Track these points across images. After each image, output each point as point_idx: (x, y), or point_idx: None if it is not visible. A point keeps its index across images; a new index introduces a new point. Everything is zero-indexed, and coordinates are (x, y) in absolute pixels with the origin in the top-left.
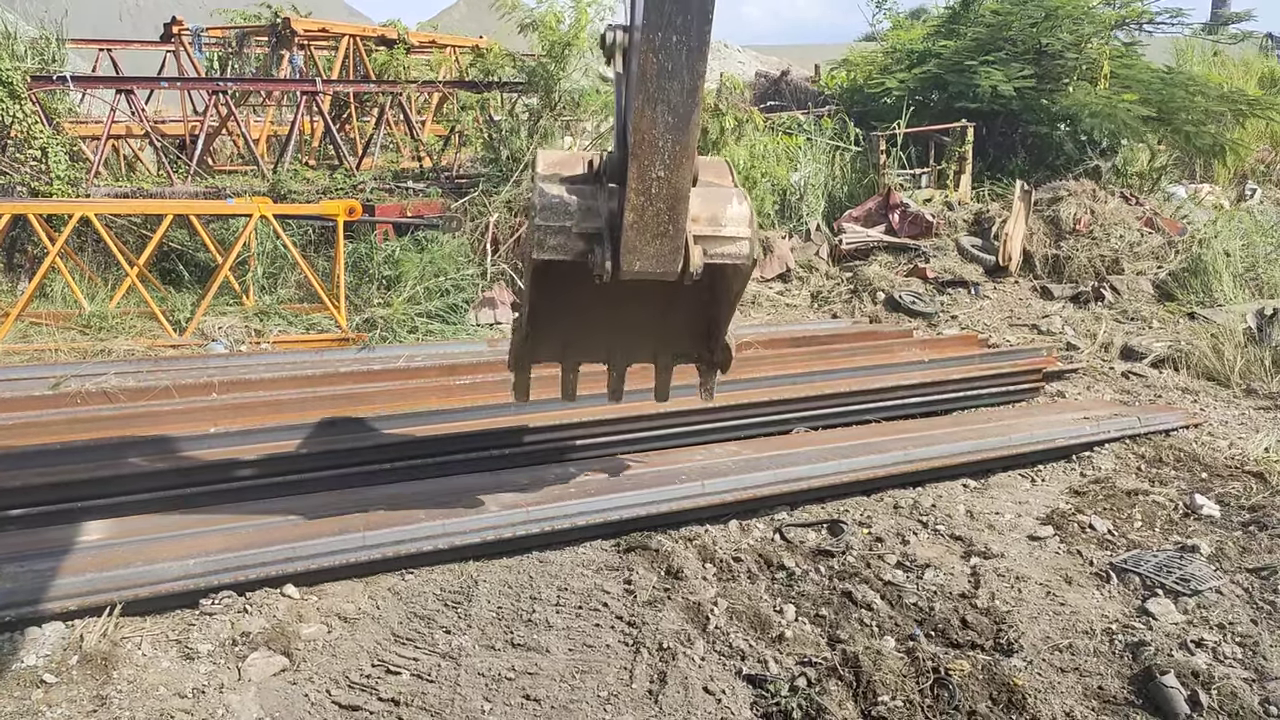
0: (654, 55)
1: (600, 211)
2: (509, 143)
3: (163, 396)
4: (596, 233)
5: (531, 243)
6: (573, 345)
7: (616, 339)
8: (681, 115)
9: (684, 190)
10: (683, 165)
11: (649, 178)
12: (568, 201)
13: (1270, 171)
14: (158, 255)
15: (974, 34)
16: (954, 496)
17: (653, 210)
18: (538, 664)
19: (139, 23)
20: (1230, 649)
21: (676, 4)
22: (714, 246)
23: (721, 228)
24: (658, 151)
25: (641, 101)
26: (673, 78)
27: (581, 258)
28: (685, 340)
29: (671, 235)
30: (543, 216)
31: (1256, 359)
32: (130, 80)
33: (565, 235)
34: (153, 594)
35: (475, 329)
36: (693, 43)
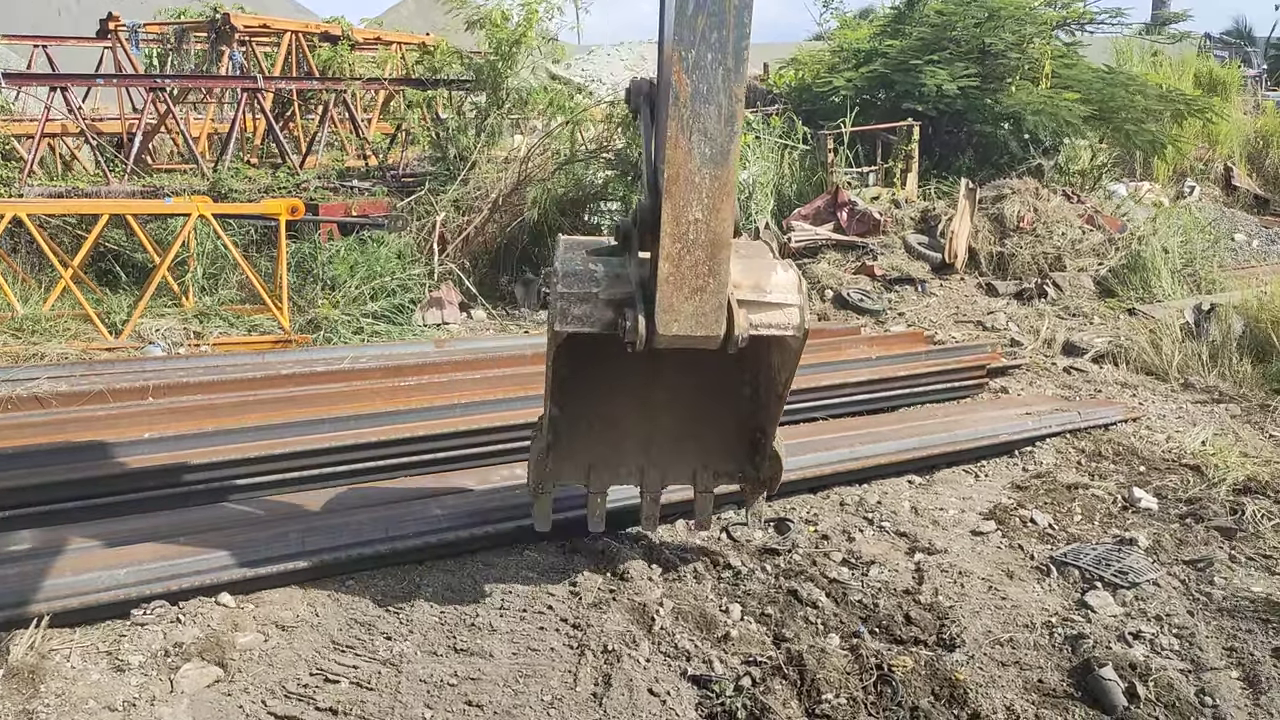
0: (687, 75)
1: (630, 278)
2: (456, 141)
3: (96, 401)
4: (627, 298)
5: (553, 315)
6: (600, 463)
7: (649, 454)
8: (719, 146)
9: (725, 236)
10: (722, 206)
11: (685, 220)
12: (593, 269)
13: (1208, 169)
14: (94, 256)
15: (919, 34)
16: (899, 493)
17: (690, 260)
18: (481, 669)
19: (78, 19)
20: (1167, 640)
21: (710, 17)
22: (759, 314)
23: (766, 294)
24: (694, 189)
25: (675, 129)
26: (708, 101)
27: (610, 329)
28: (726, 453)
29: (713, 290)
30: (566, 284)
31: (1194, 354)
32: (65, 77)
33: (592, 303)
34: (82, 605)
35: (422, 329)
36: (730, 61)
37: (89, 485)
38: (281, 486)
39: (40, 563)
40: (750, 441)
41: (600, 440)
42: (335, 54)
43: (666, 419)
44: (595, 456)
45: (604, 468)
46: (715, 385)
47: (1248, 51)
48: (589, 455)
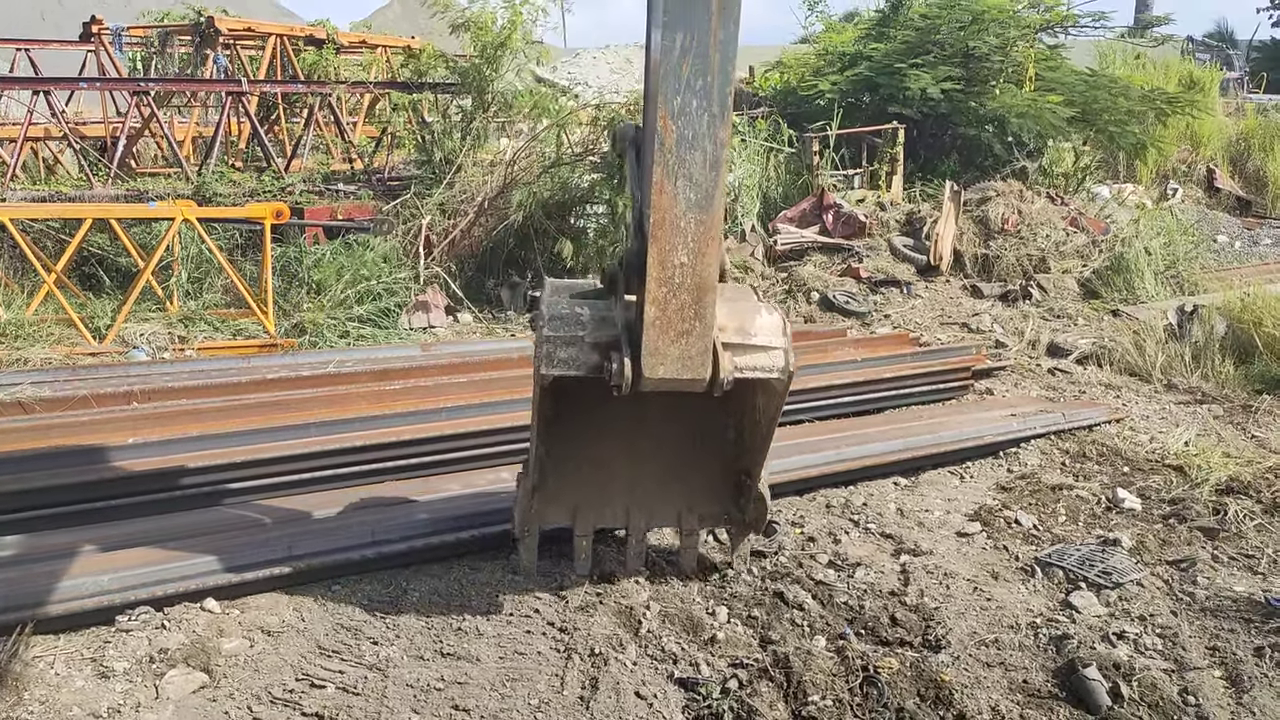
0: (672, 122)
1: (615, 321)
2: (442, 144)
3: (80, 406)
4: (613, 341)
5: (539, 359)
6: (585, 505)
7: (635, 495)
8: (704, 191)
9: (710, 280)
10: (708, 250)
11: (671, 264)
12: (579, 313)
13: (1191, 171)
14: (77, 260)
15: (904, 37)
16: (885, 495)
17: (676, 303)
18: (468, 673)
19: (63, 22)
20: (1151, 640)
21: (695, 64)
22: (744, 357)
23: (751, 336)
24: (680, 233)
25: (660, 175)
26: (693, 147)
27: (596, 372)
28: (712, 495)
29: (698, 334)
30: (552, 327)
31: (1177, 355)
32: (48, 80)
33: (578, 347)
34: (66, 611)
35: (408, 333)
36: (714, 109)
37: (74, 490)
38: (268, 491)
39: (23, 569)
40: (735, 484)
41: (586, 482)
42: (320, 57)
43: (652, 462)
44: (581, 498)
45: (589, 510)
46: (700, 427)
47: (1229, 54)
48: (575, 497)
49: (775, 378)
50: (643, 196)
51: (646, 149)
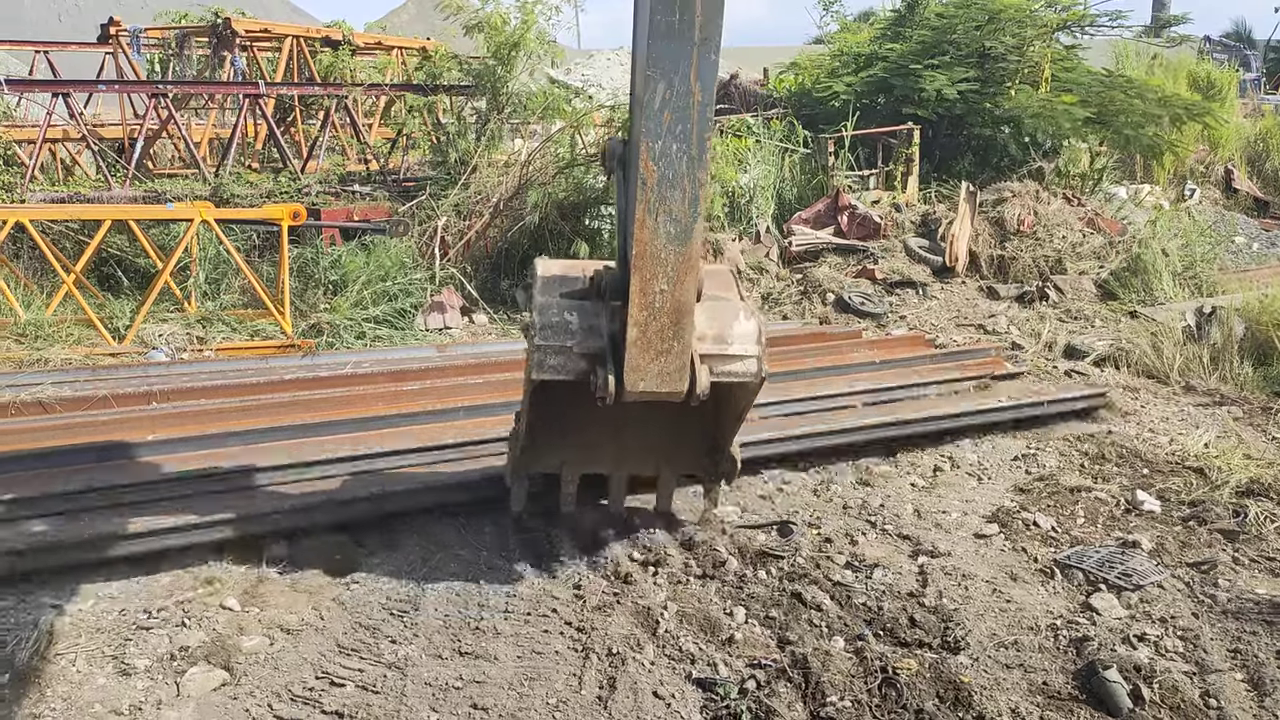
0: (654, 163)
1: (602, 331)
2: (456, 146)
3: (101, 406)
4: (599, 353)
5: (530, 363)
6: (572, 460)
7: (618, 453)
8: (683, 226)
9: (688, 304)
10: (686, 278)
11: (651, 291)
12: (568, 321)
13: (1208, 172)
14: (96, 261)
15: (919, 37)
16: (902, 496)
17: (656, 326)
18: (486, 672)
19: (79, 24)
20: (1172, 643)
21: (675, 112)
22: (721, 365)
23: (728, 345)
24: (660, 264)
25: (642, 211)
26: (673, 186)
27: (583, 378)
28: (689, 453)
29: (676, 352)
30: (543, 336)
31: (1195, 356)
32: (67, 83)
33: (566, 356)
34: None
35: (424, 334)
36: (693, 151)
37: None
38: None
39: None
40: (709, 445)
41: (573, 440)
42: (336, 59)
43: (635, 426)
44: (567, 452)
45: (575, 461)
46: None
47: (1247, 54)
48: (562, 451)
49: (749, 381)
50: (626, 223)
51: (630, 182)
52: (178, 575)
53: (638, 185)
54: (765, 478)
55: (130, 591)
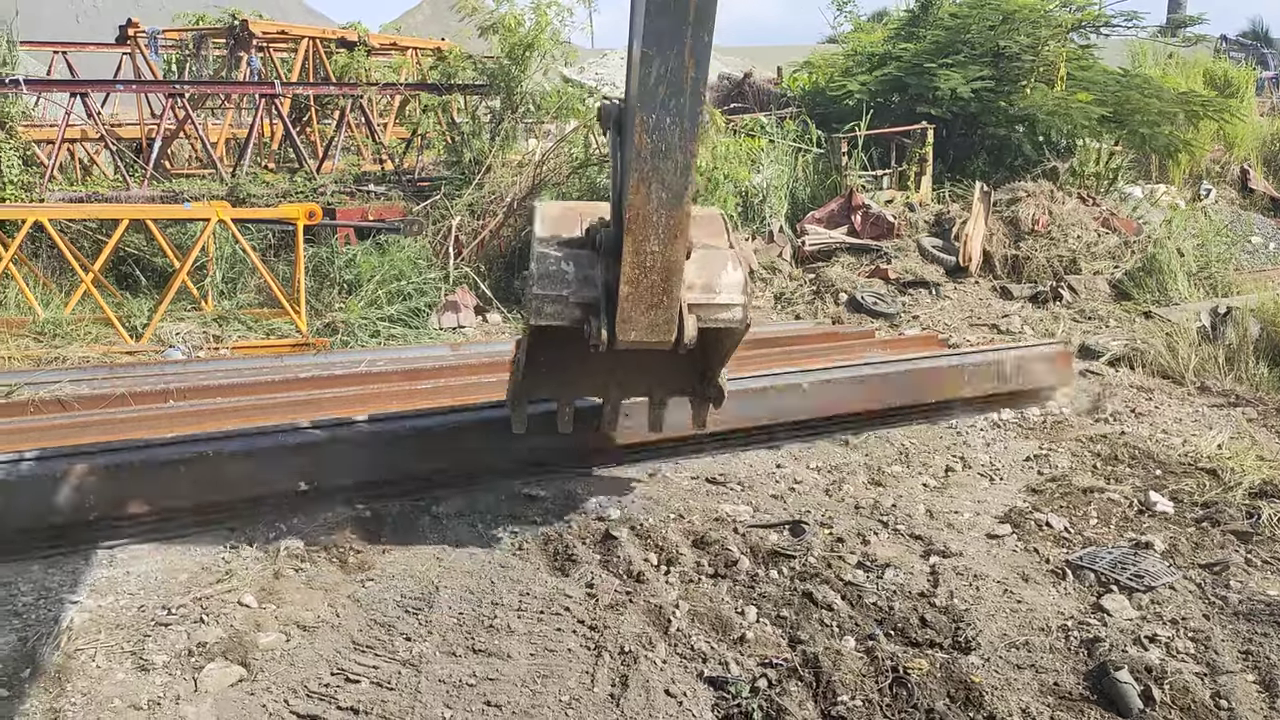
0: (648, 135)
1: (596, 281)
2: (471, 145)
3: (119, 404)
4: (593, 302)
5: (529, 309)
6: (569, 386)
7: (613, 380)
8: (675, 192)
9: (678, 263)
10: (677, 240)
11: (643, 252)
12: (565, 270)
13: (1224, 172)
14: (114, 260)
15: (933, 37)
16: (914, 496)
17: (647, 283)
18: (499, 670)
19: (97, 25)
20: (1183, 644)
21: (669, 87)
22: (709, 314)
23: (716, 295)
24: (652, 227)
25: (636, 180)
26: (666, 157)
27: (577, 325)
28: (680, 378)
29: (666, 306)
30: (540, 285)
31: (1210, 357)
32: (85, 83)
33: (562, 304)
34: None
35: (438, 333)
36: (685, 124)
37: None
38: None
39: None
40: (700, 372)
41: (569, 370)
42: (352, 60)
43: (628, 364)
44: (566, 380)
45: (573, 387)
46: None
47: (1264, 53)
48: (560, 380)
49: (735, 327)
50: (621, 186)
51: (626, 147)
52: (194, 573)
53: (632, 154)
54: (777, 477)
55: (149, 588)
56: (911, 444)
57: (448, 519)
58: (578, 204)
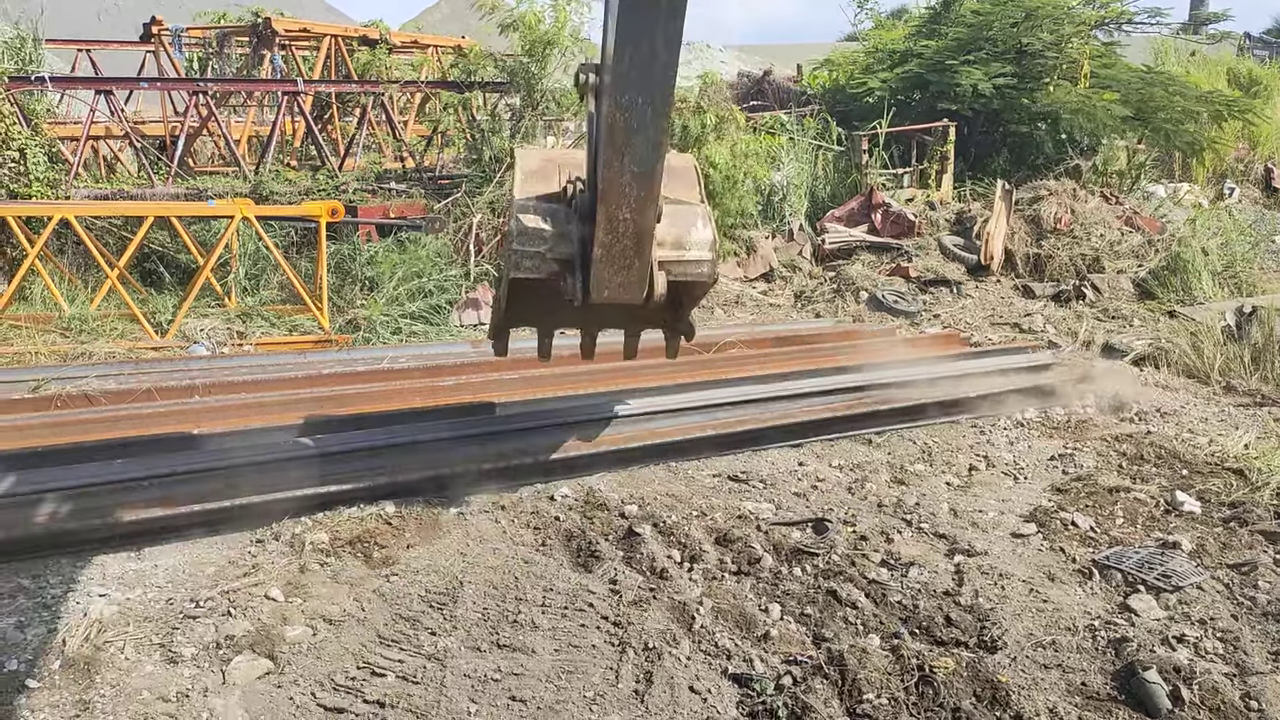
0: (621, 114)
1: (572, 238)
2: (491, 143)
3: (145, 399)
4: (569, 259)
5: (508, 264)
6: (548, 317)
7: (588, 317)
8: (646, 165)
9: (648, 228)
10: (647, 208)
11: (616, 219)
12: (543, 228)
13: (1248, 170)
14: (138, 257)
15: (955, 34)
16: (938, 495)
17: (619, 247)
18: (524, 665)
19: (118, 23)
20: (1211, 644)
21: (641, 70)
22: (678, 269)
23: (686, 251)
24: (624, 197)
25: (609, 154)
26: (638, 133)
27: (554, 279)
28: (652, 316)
29: (637, 268)
30: (519, 241)
31: (1235, 356)
32: (109, 80)
33: (539, 259)
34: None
35: (459, 330)
36: (656, 104)
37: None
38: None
39: None
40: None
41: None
42: (373, 57)
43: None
44: (545, 313)
45: (551, 319)
46: None
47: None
48: (540, 313)
49: (703, 280)
50: (596, 155)
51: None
52: (222, 567)
53: (606, 130)
54: (800, 475)
55: (177, 581)
56: (934, 442)
57: (472, 515)
58: (555, 152)
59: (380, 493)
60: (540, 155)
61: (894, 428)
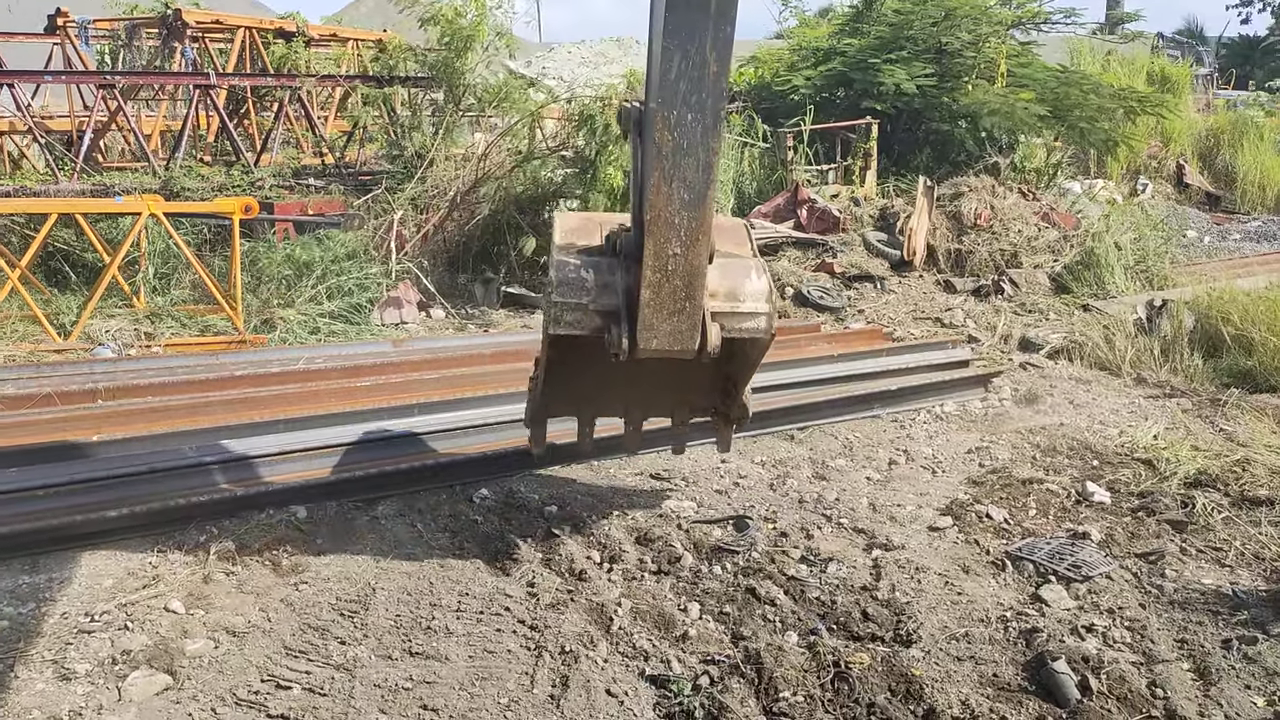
0: (669, 132)
1: (617, 288)
2: (413, 138)
3: (44, 404)
4: (613, 310)
5: (548, 318)
6: (588, 403)
7: (633, 397)
8: (697, 192)
9: (700, 267)
10: (699, 242)
11: (665, 254)
12: (584, 278)
13: (1161, 167)
14: (42, 256)
15: (877, 33)
16: (858, 490)
17: (669, 287)
18: (436, 672)
19: (26, 14)
20: (1119, 633)
21: (690, 81)
22: (732, 322)
23: (740, 303)
24: (674, 229)
25: (658, 178)
26: (688, 154)
27: (598, 334)
28: (702, 396)
29: (689, 312)
30: (560, 293)
31: (1146, 349)
32: (12, 73)
33: (582, 312)
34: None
35: (380, 329)
36: (707, 120)
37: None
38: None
39: None
40: (722, 389)
41: (590, 386)
42: (290, 50)
43: (649, 380)
44: (585, 397)
45: (592, 404)
46: (694, 359)
47: (1200, 51)
48: (580, 396)
49: (760, 337)
50: (641, 188)
51: (646, 149)
52: (120, 579)
53: (653, 153)
54: (722, 472)
55: (72, 594)
56: (856, 437)
57: (386, 519)
58: (596, 214)
59: None
60: (580, 216)
61: (816, 423)
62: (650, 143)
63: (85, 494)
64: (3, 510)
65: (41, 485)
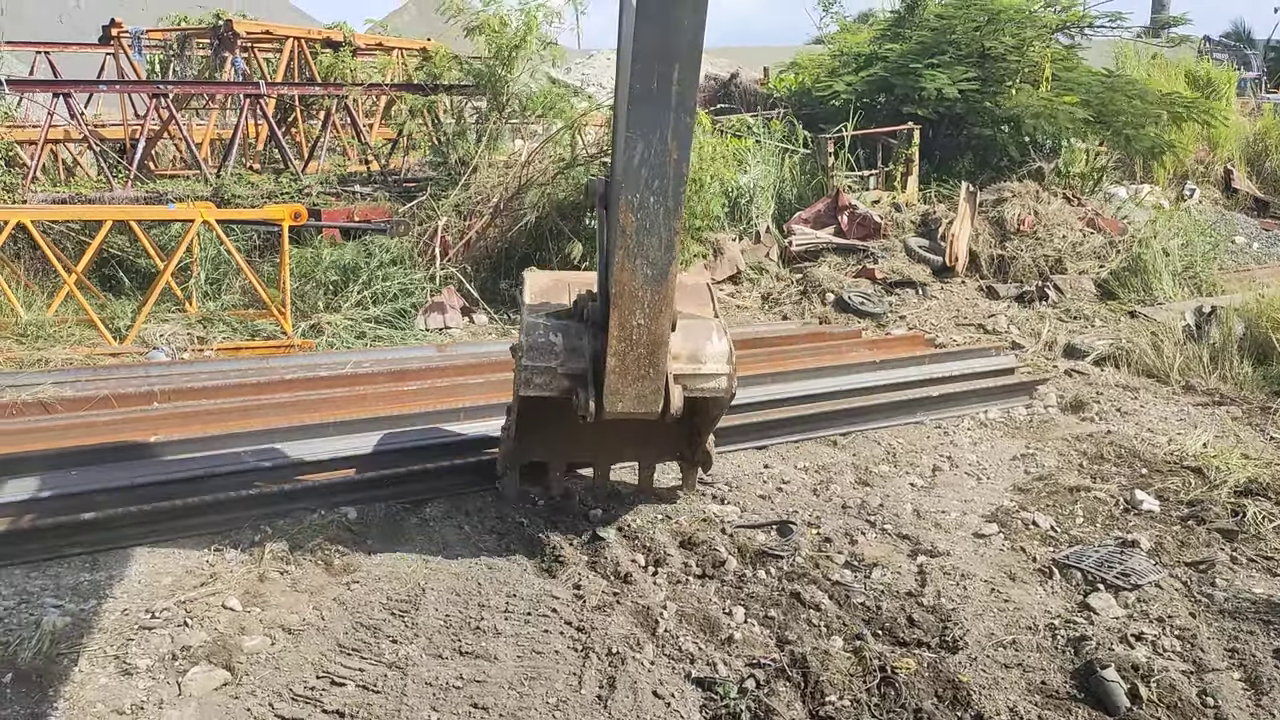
0: (633, 214)
1: (584, 352)
2: (456, 146)
3: (102, 406)
4: (581, 374)
5: (518, 380)
6: (559, 451)
7: (602, 445)
8: (660, 268)
9: (663, 336)
10: (662, 314)
11: (629, 325)
12: (554, 342)
13: (1208, 172)
14: (97, 262)
15: (919, 37)
16: (901, 496)
17: (634, 355)
18: (486, 672)
19: (80, 25)
20: (1169, 642)
21: (652, 168)
22: (695, 383)
23: (702, 365)
24: (637, 301)
25: (622, 256)
26: (651, 234)
27: (566, 395)
28: (668, 446)
29: (652, 378)
30: (530, 357)
31: (1195, 356)
32: (67, 83)
33: (551, 375)
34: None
35: (424, 334)
36: (669, 203)
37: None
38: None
39: None
40: (687, 438)
41: (560, 435)
42: (337, 60)
43: (616, 430)
44: (556, 446)
45: (562, 453)
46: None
47: (1247, 54)
48: (551, 445)
49: (720, 396)
50: (607, 261)
51: (611, 226)
52: (179, 577)
53: (618, 232)
54: (765, 477)
55: (132, 592)
56: (898, 443)
57: (435, 521)
58: (565, 274)
59: None
60: (550, 275)
61: (859, 428)
62: (615, 222)
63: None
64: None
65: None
